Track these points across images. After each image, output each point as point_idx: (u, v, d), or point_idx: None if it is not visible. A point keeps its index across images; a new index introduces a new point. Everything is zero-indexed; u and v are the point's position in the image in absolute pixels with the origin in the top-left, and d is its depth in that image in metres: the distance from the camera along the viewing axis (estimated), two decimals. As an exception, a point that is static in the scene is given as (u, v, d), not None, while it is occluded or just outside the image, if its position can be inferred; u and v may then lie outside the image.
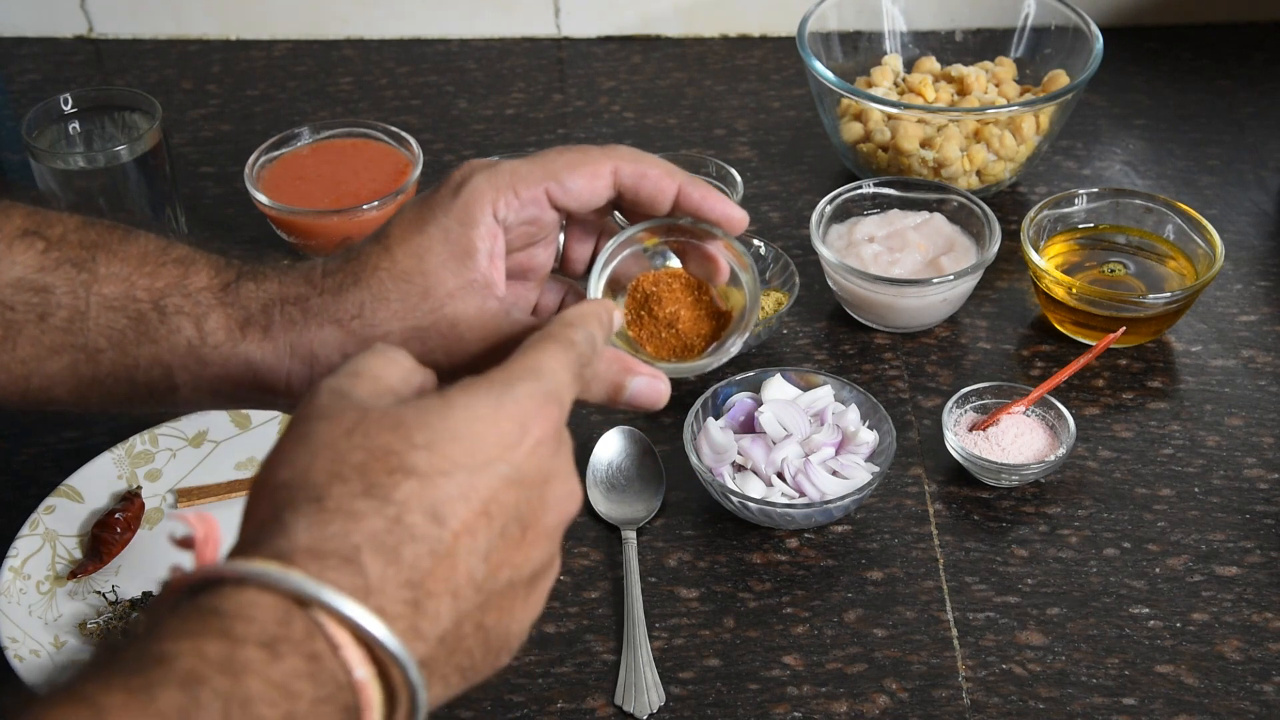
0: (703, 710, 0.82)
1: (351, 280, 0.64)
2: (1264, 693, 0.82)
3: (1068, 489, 0.95)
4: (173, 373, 0.66)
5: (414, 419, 0.51)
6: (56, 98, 1.07)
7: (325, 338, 0.64)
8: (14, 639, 0.84)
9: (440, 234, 0.63)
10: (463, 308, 0.64)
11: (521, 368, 0.55)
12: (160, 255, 0.67)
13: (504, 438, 0.52)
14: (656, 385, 0.63)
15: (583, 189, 0.65)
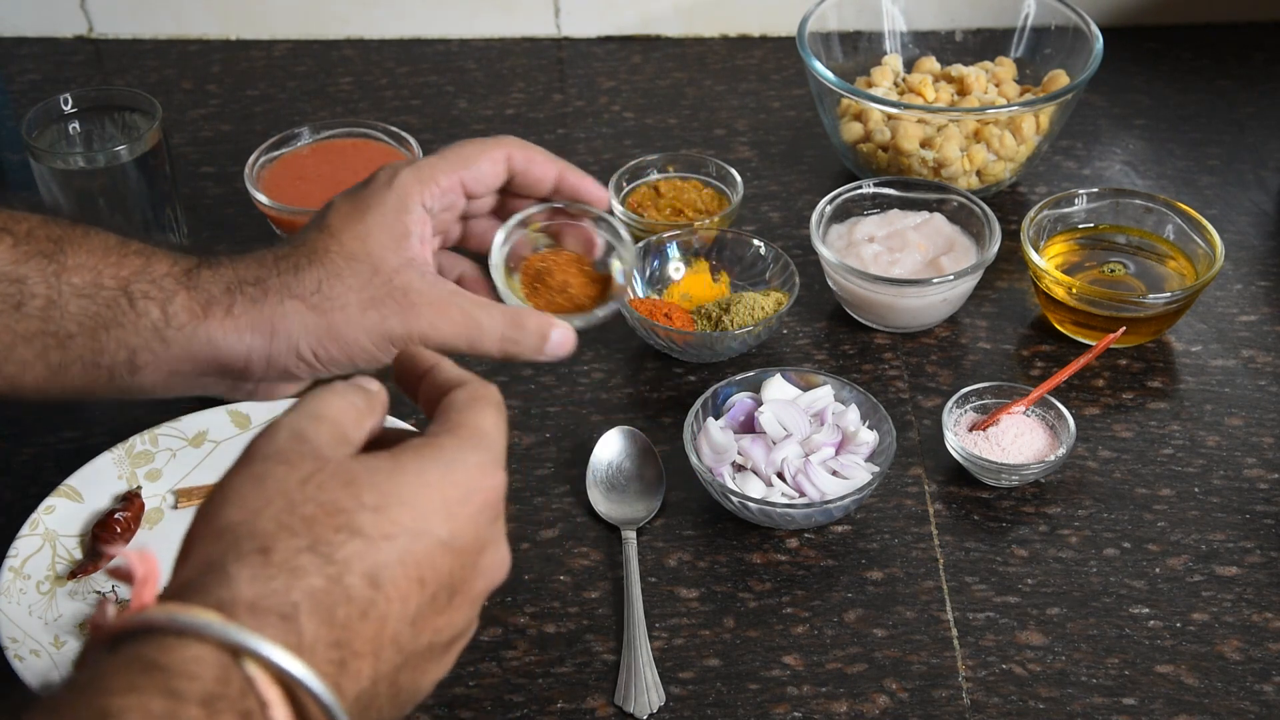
0: (703, 710, 0.82)
1: (305, 261, 0.72)
2: (1264, 693, 0.82)
3: (1068, 489, 0.95)
4: (136, 354, 0.71)
5: (366, 478, 0.53)
6: (56, 98, 1.07)
7: (286, 311, 0.71)
8: (14, 639, 0.84)
9: (378, 220, 0.73)
10: (410, 279, 0.72)
11: (469, 433, 0.57)
12: (121, 248, 0.72)
13: (448, 504, 0.54)
14: (567, 334, 0.77)
15: (488, 173, 0.76)
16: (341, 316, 0.72)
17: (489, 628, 0.87)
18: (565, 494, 0.95)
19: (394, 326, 0.72)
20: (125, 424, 1.00)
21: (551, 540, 0.92)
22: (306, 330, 0.71)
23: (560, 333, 0.76)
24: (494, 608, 0.88)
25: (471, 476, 0.55)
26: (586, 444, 0.97)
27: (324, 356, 0.72)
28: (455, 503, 0.54)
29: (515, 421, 1.01)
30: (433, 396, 0.61)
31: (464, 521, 0.54)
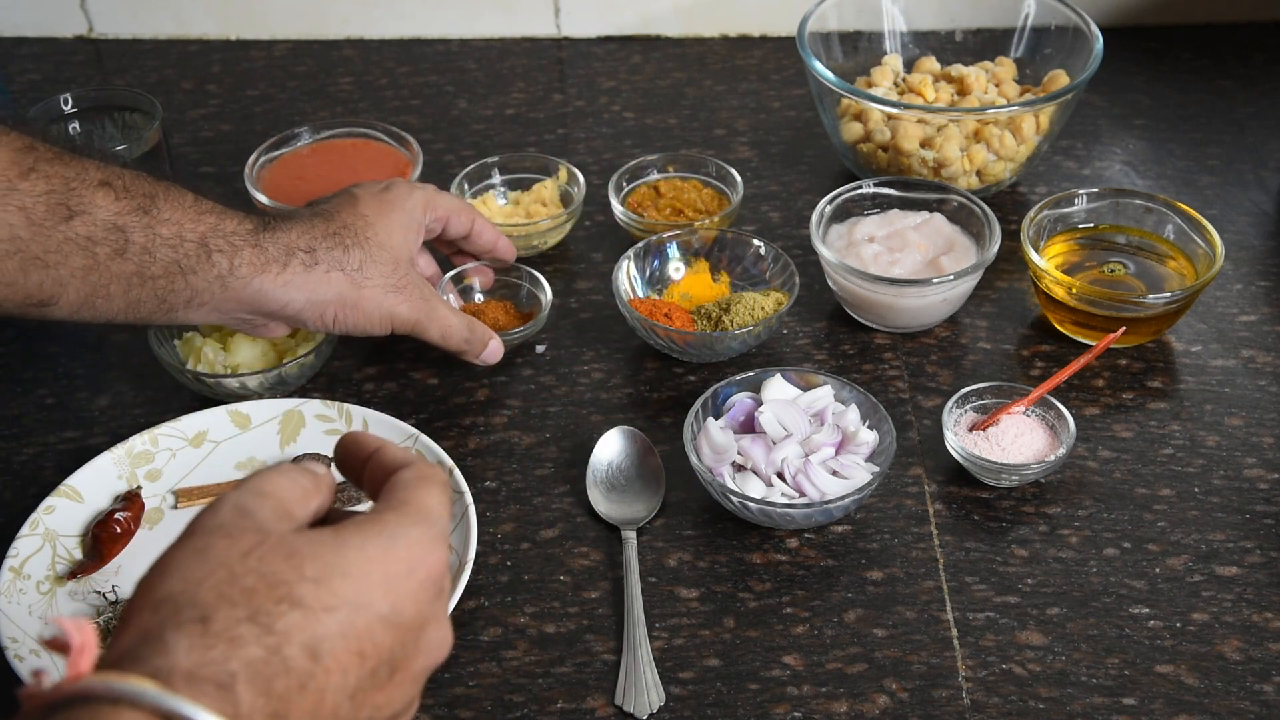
0: (703, 710, 0.82)
1: (352, 240, 0.91)
2: (1264, 693, 0.82)
3: (1068, 489, 0.95)
4: (199, 294, 0.87)
5: (308, 550, 0.53)
6: (56, 98, 1.07)
7: (331, 280, 0.90)
8: (14, 639, 0.84)
9: (402, 220, 0.95)
10: (416, 276, 0.95)
11: (414, 510, 0.57)
12: (197, 205, 0.87)
13: (391, 578, 0.54)
14: (499, 346, 1.01)
15: (459, 226, 1.01)
16: (371, 294, 0.91)
17: (489, 627, 0.87)
18: (565, 494, 0.95)
19: (403, 311, 0.93)
20: (125, 424, 1.00)
21: (551, 540, 0.92)
22: (341, 298, 0.90)
23: (497, 343, 1.00)
24: (494, 607, 0.88)
25: (414, 552, 0.55)
26: (586, 444, 0.97)
27: (342, 320, 0.92)
28: (397, 577, 0.54)
29: (515, 421, 1.01)
30: (378, 478, 0.61)
31: (406, 596, 0.54)
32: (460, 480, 0.92)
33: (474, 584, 0.89)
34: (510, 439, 0.99)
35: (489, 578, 0.90)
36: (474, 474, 0.96)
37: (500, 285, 1.09)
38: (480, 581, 0.90)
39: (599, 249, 1.16)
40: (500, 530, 0.93)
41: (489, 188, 1.19)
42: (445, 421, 1.01)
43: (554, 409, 1.02)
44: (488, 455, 0.98)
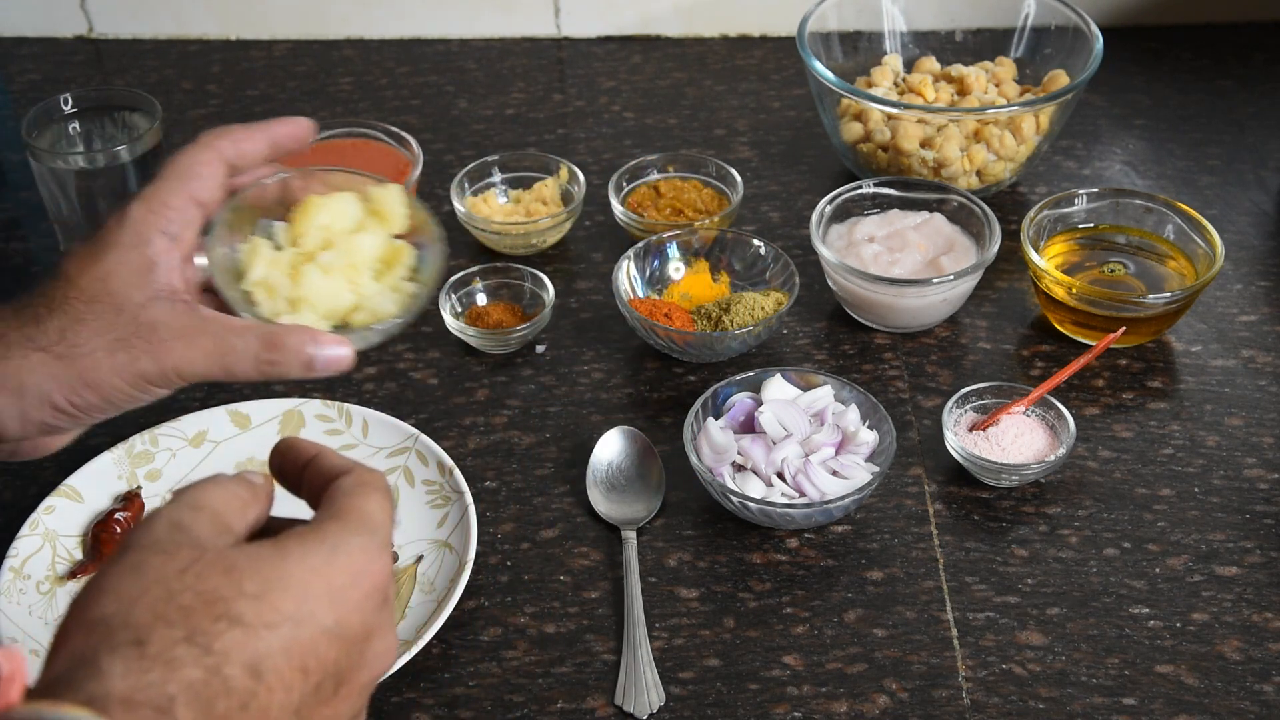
0: (703, 710, 0.82)
1: (45, 311, 0.68)
2: (1264, 693, 0.82)
3: (1068, 489, 0.95)
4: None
5: (247, 565, 0.51)
6: (56, 98, 1.07)
7: (32, 365, 0.67)
8: (14, 639, 0.84)
9: (118, 259, 0.69)
10: (157, 313, 0.68)
11: (356, 518, 0.55)
12: None
13: (334, 590, 0.52)
14: (341, 351, 0.70)
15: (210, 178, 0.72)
16: (90, 363, 0.68)
17: (489, 627, 0.87)
18: (565, 494, 0.95)
19: (145, 366, 0.69)
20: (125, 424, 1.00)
21: (551, 540, 0.92)
22: (57, 381, 0.68)
23: (329, 351, 0.70)
24: (494, 607, 0.88)
25: (356, 561, 0.53)
26: (586, 444, 0.97)
27: (81, 405, 0.69)
28: (341, 589, 0.52)
29: (515, 421, 1.01)
30: (316, 486, 0.59)
31: (350, 608, 0.52)
32: (460, 480, 0.92)
33: (474, 584, 0.89)
34: (510, 439, 0.99)
35: (489, 578, 0.90)
36: (474, 474, 0.96)
37: (502, 285, 1.09)
38: (480, 581, 0.90)
39: (599, 249, 1.16)
40: (500, 530, 0.93)
41: (489, 186, 1.19)
42: (445, 421, 1.01)
43: (554, 409, 1.02)
44: (488, 455, 0.98)
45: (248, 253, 0.72)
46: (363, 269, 0.73)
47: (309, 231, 0.73)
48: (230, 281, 0.71)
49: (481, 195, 1.18)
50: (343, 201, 0.73)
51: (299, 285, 0.72)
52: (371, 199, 0.74)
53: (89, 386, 0.68)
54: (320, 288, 0.72)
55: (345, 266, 0.72)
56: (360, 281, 0.73)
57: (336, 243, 0.73)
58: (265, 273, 0.72)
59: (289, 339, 0.69)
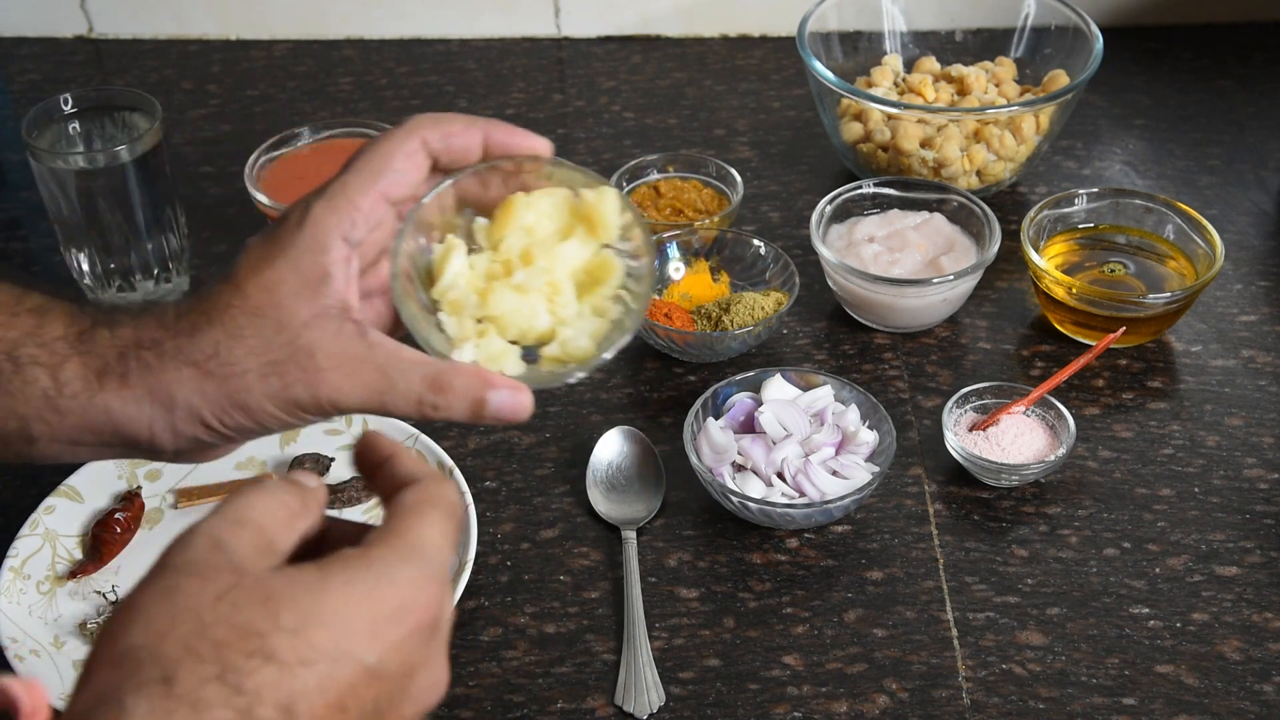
0: (703, 710, 0.82)
1: (204, 320, 0.62)
2: (1264, 693, 0.82)
3: (1068, 489, 0.95)
4: (29, 425, 0.63)
5: (286, 594, 0.48)
6: (56, 98, 1.07)
7: (183, 379, 0.62)
8: (14, 639, 0.84)
9: (290, 265, 0.62)
10: (319, 336, 0.62)
11: (407, 544, 0.52)
12: (14, 305, 0.65)
13: (375, 626, 0.49)
14: (518, 397, 0.61)
15: (408, 171, 0.63)
16: (241, 384, 0.62)
17: (489, 627, 0.87)
18: (565, 494, 0.95)
19: (299, 394, 0.62)
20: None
21: (551, 540, 0.92)
22: (206, 399, 0.62)
23: (504, 399, 0.61)
24: (494, 607, 0.88)
25: (404, 595, 0.50)
26: (586, 444, 0.97)
27: (232, 425, 0.63)
28: (383, 624, 0.49)
29: (515, 421, 1.01)
30: (386, 492, 0.55)
31: (392, 645, 0.49)
32: (460, 480, 0.92)
33: (474, 584, 0.89)
34: (510, 439, 0.99)
35: (489, 578, 0.90)
36: (474, 474, 0.96)
37: None
38: (480, 581, 0.90)
39: (599, 249, 1.16)
40: (500, 530, 0.93)
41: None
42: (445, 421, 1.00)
43: (554, 409, 1.02)
44: (488, 455, 0.98)
45: (441, 253, 0.64)
46: (564, 286, 0.64)
47: (510, 234, 0.64)
48: (410, 290, 0.63)
49: (481, 195, 1.18)
50: (549, 200, 0.65)
51: (489, 302, 0.64)
52: (582, 201, 0.65)
53: (239, 408, 0.63)
54: (513, 307, 0.63)
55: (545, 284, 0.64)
56: (559, 301, 0.64)
57: (537, 252, 0.64)
58: (455, 279, 0.64)
59: (458, 382, 0.61)
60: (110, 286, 1.09)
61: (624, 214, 0.64)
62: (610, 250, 0.64)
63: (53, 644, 0.85)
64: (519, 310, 0.63)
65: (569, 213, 0.65)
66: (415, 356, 0.62)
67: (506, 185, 0.65)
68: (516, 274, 0.63)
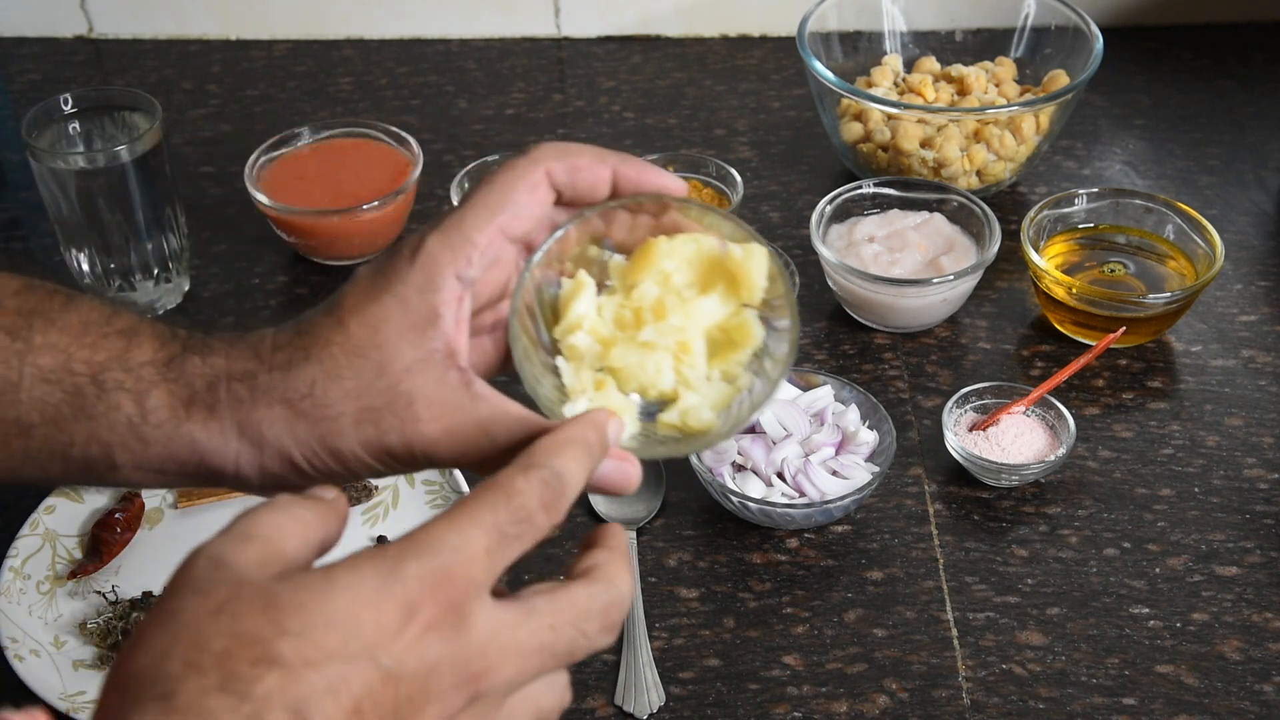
0: (703, 710, 0.82)
1: (302, 355, 0.59)
2: (1264, 693, 0.82)
3: (1068, 489, 0.95)
4: (112, 451, 0.60)
5: (289, 599, 0.46)
6: (56, 98, 1.07)
7: (274, 417, 0.59)
8: (14, 639, 0.84)
9: (397, 303, 0.58)
10: (421, 383, 0.58)
11: (421, 540, 0.49)
12: (103, 325, 0.62)
13: (383, 625, 0.46)
14: (625, 469, 0.57)
15: (530, 205, 0.60)
16: (334, 428, 0.59)
17: (489, 628, 0.87)
18: (565, 494, 0.95)
19: (393, 442, 0.59)
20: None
21: (552, 540, 0.92)
22: (296, 440, 0.59)
23: (610, 470, 0.57)
24: (494, 608, 0.88)
25: (410, 591, 0.47)
26: (586, 444, 0.97)
27: (320, 467, 0.60)
28: (391, 621, 0.47)
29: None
30: None
31: (405, 644, 0.47)
32: (460, 480, 0.92)
33: (474, 584, 0.89)
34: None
35: (489, 578, 0.90)
36: (473, 475, 0.96)
37: None
38: (480, 581, 0.89)
39: (599, 249, 1.16)
40: (500, 530, 0.93)
41: (489, 188, 1.19)
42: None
43: (554, 409, 1.01)
44: (488, 455, 0.98)
45: (569, 290, 0.60)
46: (694, 346, 0.60)
47: (646, 279, 0.60)
48: (528, 326, 0.60)
49: (481, 195, 1.18)
50: (692, 247, 0.60)
51: (611, 354, 0.60)
52: (728, 254, 0.59)
53: (330, 453, 0.59)
54: (637, 363, 0.59)
55: (674, 342, 0.59)
56: (687, 361, 0.60)
57: (670, 305, 0.59)
58: (580, 320, 0.60)
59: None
60: (110, 287, 1.09)
61: (773, 276, 0.59)
62: (750, 312, 0.60)
63: (53, 644, 0.85)
64: (642, 366, 0.59)
65: (711, 264, 0.60)
66: (520, 413, 0.58)
67: (649, 225, 0.61)
68: (646, 330, 0.59)
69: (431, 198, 1.22)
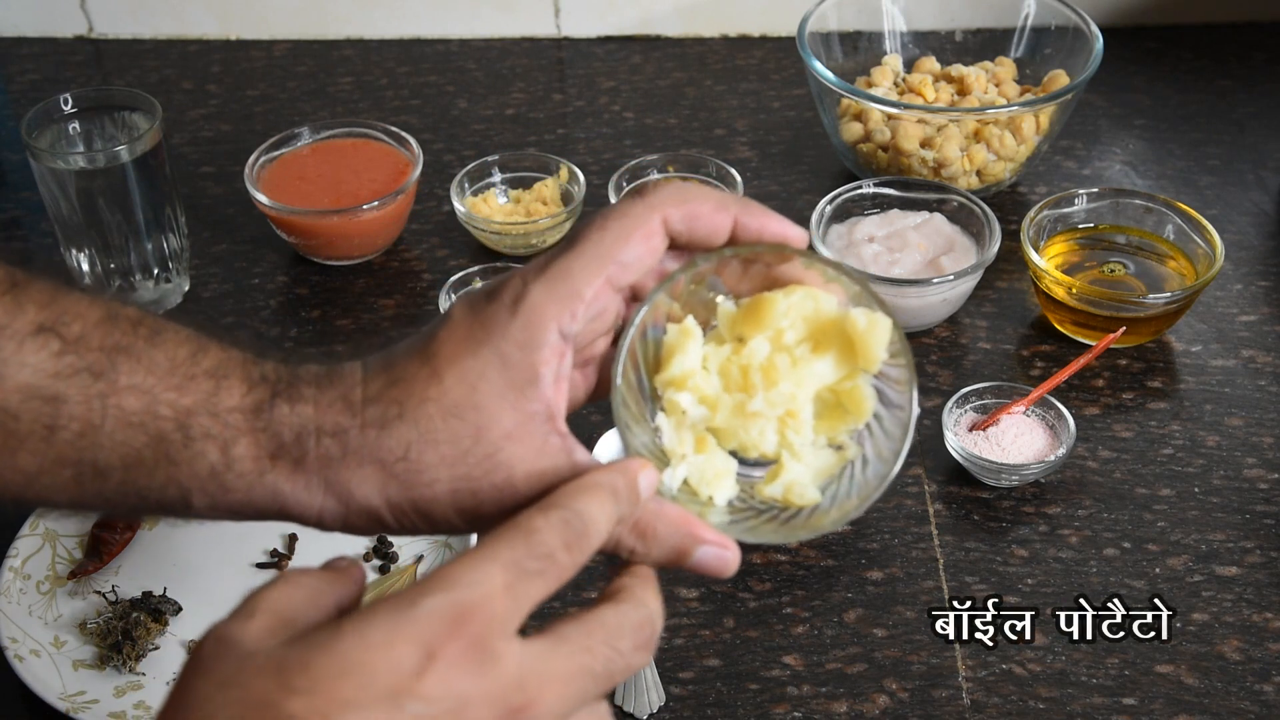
0: (703, 710, 0.82)
1: (396, 412, 0.56)
2: (1264, 693, 0.82)
3: (1068, 489, 0.95)
4: (190, 495, 0.58)
5: (296, 659, 0.44)
6: (56, 98, 1.07)
7: (364, 477, 0.56)
8: (14, 639, 0.84)
9: (496, 359, 0.55)
10: (520, 452, 0.55)
11: (435, 578, 0.47)
12: (190, 365, 0.58)
13: (400, 667, 0.44)
14: (724, 555, 0.55)
15: (642, 257, 0.56)
16: (428, 494, 0.56)
17: (489, 628, 0.87)
18: (565, 494, 0.95)
19: (488, 511, 0.56)
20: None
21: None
22: (386, 500, 0.56)
23: (709, 554, 0.55)
24: (494, 608, 0.88)
25: (424, 629, 0.45)
26: (587, 444, 0.96)
27: (408, 525, 0.58)
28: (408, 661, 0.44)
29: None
30: None
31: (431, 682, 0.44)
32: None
33: (474, 584, 0.89)
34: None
35: (489, 578, 0.90)
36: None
37: None
38: (480, 581, 0.89)
39: (599, 249, 1.16)
40: (500, 530, 0.93)
41: (489, 186, 1.19)
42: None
43: (554, 409, 1.01)
44: (488, 455, 0.98)
45: (675, 337, 0.57)
46: (803, 413, 0.56)
47: (758, 333, 0.57)
48: (630, 378, 0.57)
49: (481, 195, 1.18)
50: (810, 305, 0.57)
51: (714, 417, 0.57)
52: (848, 319, 0.56)
53: (421, 515, 0.57)
54: (740, 426, 0.57)
55: (784, 410, 0.56)
56: (793, 426, 0.57)
57: (781, 369, 0.56)
58: (685, 374, 0.56)
59: (663, 530, 0.54)
60: (110, 287, 1.09)
61: (894, 347, 0.56)
62: (866, 380, 0.56)
63: (53, 644, 0.85)
64: (745, 428, 0.57)
65: (827, 325, 0.57)
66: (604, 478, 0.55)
67: (763, 274, 0.58)
68: (755, 400, 0.56)
69: (431, 198, 1.22)
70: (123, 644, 0.84)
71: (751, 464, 0.57)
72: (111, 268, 1.08)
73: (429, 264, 1.16)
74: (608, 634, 0.50)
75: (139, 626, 0.85)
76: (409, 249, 1.17)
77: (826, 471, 0.57)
